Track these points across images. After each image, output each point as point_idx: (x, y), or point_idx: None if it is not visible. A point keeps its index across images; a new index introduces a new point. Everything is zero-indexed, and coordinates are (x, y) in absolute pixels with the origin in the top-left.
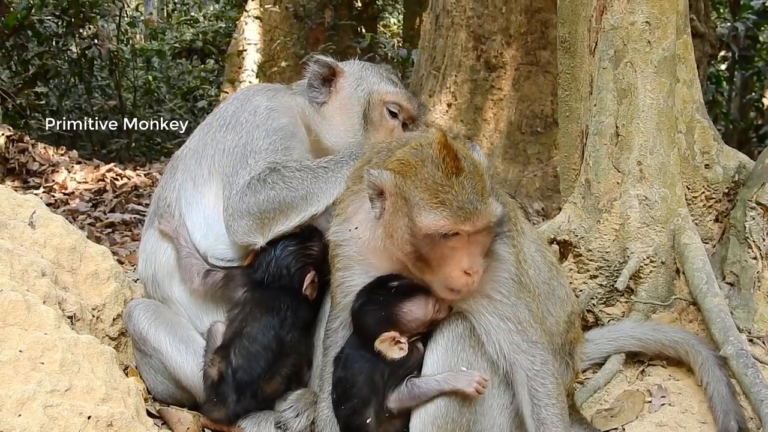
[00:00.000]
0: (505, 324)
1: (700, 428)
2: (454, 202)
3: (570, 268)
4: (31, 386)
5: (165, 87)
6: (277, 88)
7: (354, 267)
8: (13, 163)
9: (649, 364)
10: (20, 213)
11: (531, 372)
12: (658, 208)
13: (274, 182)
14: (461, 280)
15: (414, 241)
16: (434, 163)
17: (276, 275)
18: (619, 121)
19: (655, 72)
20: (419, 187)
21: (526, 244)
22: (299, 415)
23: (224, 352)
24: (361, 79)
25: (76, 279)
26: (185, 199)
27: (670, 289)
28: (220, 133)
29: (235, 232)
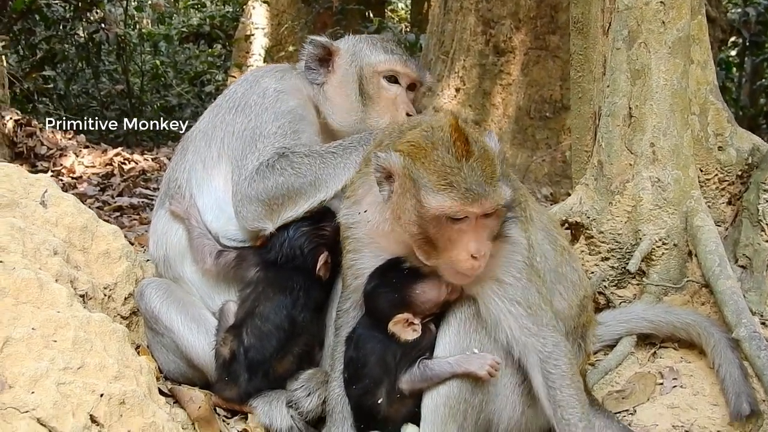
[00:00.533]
0: (515, 308)
1: (712, 410)
2: (462, 185)
3: (581, 250)
4: (44, 364)
5: (172, 72)
6: (285, 69)
7: (364, 250)
8: (21, 147)
9: (661, 346)
10: (32, 192)
11: (543, 354)
12: (670, 190)
13: (282, 168)
14: (467, 264)
15: (421, 223)
16: (444, 146)
17: (289, 256)
18: (633, 102)
19: (669, 53)
20: (428, 169)
21: (534, 231)
22: (311, 394)
23: (236, 331)
24: (354, 54)
25: (87, 258)
26: (195, 181)
27: (682, 271)
28: (229, 116)
29: (245, 217)
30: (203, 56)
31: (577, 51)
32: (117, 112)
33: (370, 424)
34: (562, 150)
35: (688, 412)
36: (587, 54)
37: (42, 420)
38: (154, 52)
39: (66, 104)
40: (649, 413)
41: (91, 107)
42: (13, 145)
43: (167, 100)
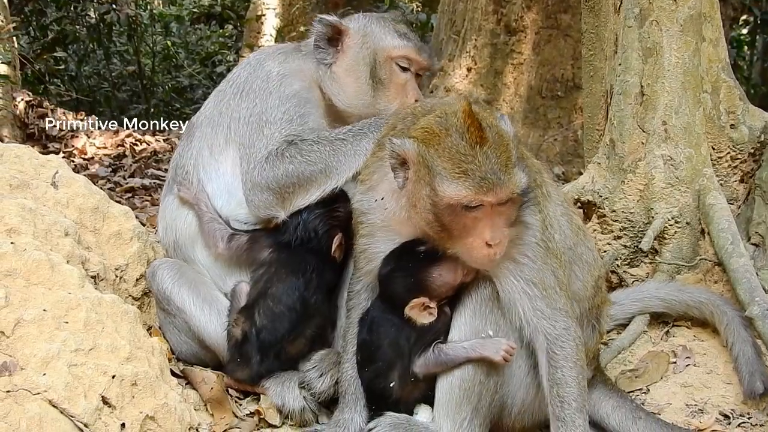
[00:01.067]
0: (530, 289)
1: (725, 389)
2: (477, 173)
3: (594, 228)
4: (56, 345)
5: (183, 52)
6: (288, 51)
7: (378, 234)
8: (33, 128)
9: (674, 325)
10: (43, 173)
11: (551, 336)
12: (683, 168)
13: (292, 156)
14: (483, 251)
15: (436, 211)
16: (458, 133)
17: (304, 238)
18: (644, 80)
19: (680, 30)
20: (442, 156)
21: (552, 207)
22: (323, 375)
23: (248, 312)
24: (366, 36)
25: (99, 239)
26: (203, 167)
27: (694, 249)
28: (234, 101)
29: (257, 206)
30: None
31: (588, 29)
32: (128, 93)
33: (383, 406)
34: (573, 129)
35: (701, 390)
36: (599, 32)
37: (54, 401)
38: (166, 32)
39: (77, 85)
40: (662, 392)
41: (102, 88)
42: (24, 127)
43: (179, 81)
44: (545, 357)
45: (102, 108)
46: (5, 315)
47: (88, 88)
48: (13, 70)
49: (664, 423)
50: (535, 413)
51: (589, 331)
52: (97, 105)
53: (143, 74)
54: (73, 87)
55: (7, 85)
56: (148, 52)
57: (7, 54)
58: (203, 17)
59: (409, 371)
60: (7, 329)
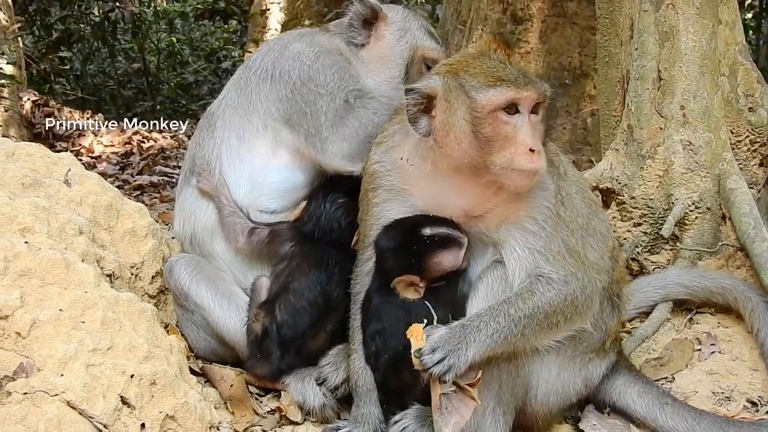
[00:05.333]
0: (535, 255)
1: (752, 376)
2: (511, 75)
3: (613, 216)
4: (73, 345)
5: (188, 49)
6: (311, 32)
7: (395, 200)
8: (40, 127)
9: (697, 312)
10: (55, 171)
11: (544, 278)
12: (702, 152)
13: (371, 106)
14: (527, 158)
15: (476, 126)
16: (485, 55)
17: (327, 229)
18: (662, 64)
19: (697, 13)
20: (474, 73)
21: (567, 186)
22: (338, 369)
23: (269, 307)
24: (406, 30)
25: (113, 237)
26: (228, 155)
27: (716, 235)
28: (265, 86)
29: (335, 155)
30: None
31: (603, 15)
32: (134, 91)
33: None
34: (582, 117)
35: (727, 378)
36: (613, 17)
37: (72, 403)
38: (170, 29)
39: (83, 84)
40: (687, 380)
41: (107, 86)
42: (31, 126)
43: (184, 78)
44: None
45: (108, 106)
46: (21, 315)
47: (94, 86)
48: (18, 70)
49: (692, 408)
50: (560, 394)
51: (608, 310)
52: (102, 103)
53: (148, 71)
54: (78, 86)
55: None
56: (152, 50)
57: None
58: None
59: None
60: (24, 330)
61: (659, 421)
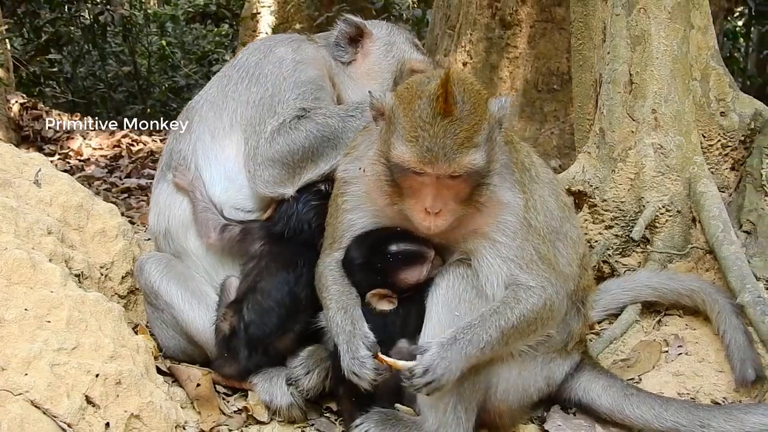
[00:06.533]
0: (508, 264)
1: (717, 377)
2: (426, 143)
3: (585, 218)
4: (38, 345)
5: (180, 52)
6: (300, 39)
7: (362, 207)
8: (28, 130)
9: (666, 314)
10: (25, 171)
11: (524, 285)
12: (673, 156)
13: (305, 128)
14: (421, 216)
15: (389, 165)
16: (427, 99)
17: (297, 229)
18: (633, 68)
19: (668, 18)
20: (406, 116)
21: (540, 189)
22: (309, 372)
23: (237, 306)
24: (392, 45)
25: (83, 237)
26: (202, 151)
27: (686, 238)
28: (242, 85)
29: (265, 182)
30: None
31: (577, 18)
32: (125, 94)
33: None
34: (570, 122)
35: (693, 379)
36: (587, 21)
37: (36, 402)
38: (161, 32)
39: (73, 87)
40: (654, 381)
41: (98, 89)
42: (19, 129)
43: (175, 81)
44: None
45: (99, 109)
46: None
47: (84, 89)
48: (6, 72)
49: (658, 396)
50: (520, 392)
51: (573, 313)
52: (93, 106)
53: (139, 75)
54: (69, 89)
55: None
56: (143, 53)
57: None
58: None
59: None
60: None
61: (626, 411)
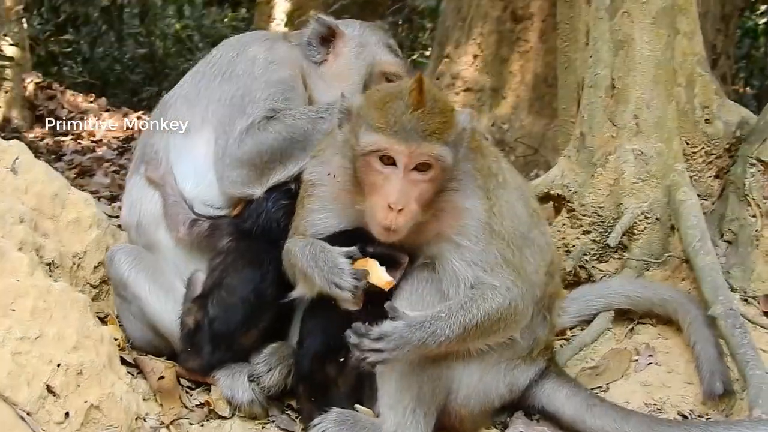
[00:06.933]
0: (472, 267)
1: (685, 389)
2: (397, 124)
3: (563, 223)
4: (0, 333)
5: (197, 35)
6: (274, 38)
7: (329, 208)
8: (42, 110)
9: (639, 323)
10: (3, 159)
11: (490, 286)
12: (653, 163)
13: (274, 130)
14: (383, 214)
15: (354, 161)
16: (400, 95)
17: (266, 228)
18: (615, 73)
19: (652, 23)
20: (376, 109)
21: (506, 194)
22: (271, 369)
23: (202, 301)
24: (362, 46)
25: (57, 226)
26: (174, 147)
27: (665, 246)
28: (214, 83)
29: (233, 182)
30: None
31: (563, 20)
32: (141, 76)
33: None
34: None
35: (661, 390)
36: (573, 23)
37: None
38: (179, 15)
39: (90, 68)
40: (621, 390)
41: (115, 71)
42: (33, 108)
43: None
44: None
45: (115, 90)
46: None
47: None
48: (22, 51)
49: (620, 408)
50: (482, 397)
51: (539, 320)
52: (109, 87)
53: (156, 57)
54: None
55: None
56: (161, 35)
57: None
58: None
59: (347, 360)
60: None
61: (587, 422)
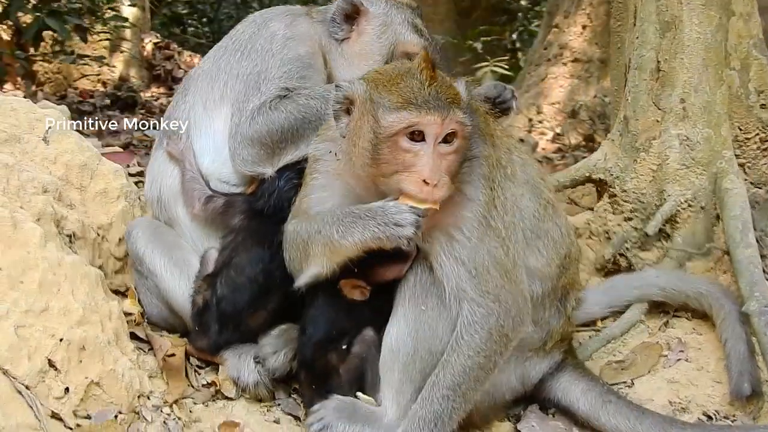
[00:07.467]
0: (458, 267)
1: (713, 388)
2: (420, 98)
3: (605, 208)
4: (5, 306)
5: None
6: (296, 13)
7: (333, 186)
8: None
9: (674, 316)
10: (37, 128)
11: (465, 321)
12: (700, 149)
13: (285, 109)
14: (418, 188)
15: (376, 143)
16: (411, 74)
17: (277, 207)
18: (661, 55)
19: (703, 4)
20: (390, 91)
21: (513, 188)
22: (277, 352)
23: (212, 280)
24: (386, 25)
25: (84, 196)
26: (194, 122)
27: (709, 236)
28: (234, 58)
29: (244, 160)
30: None
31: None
32: None
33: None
34: None
35: (687, 387)
36: (626, 2)
37: None
38: None
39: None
40: (646, 387)
41: None
42: (151, 68)
43: None
44: (453, 338)
45: None
46: None
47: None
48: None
49: (636, 406)
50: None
51: (552, 312)
52: None
53: None
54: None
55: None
56: None
57: None
58: None
59: (350, 349)
60: None
61: (601, 419)
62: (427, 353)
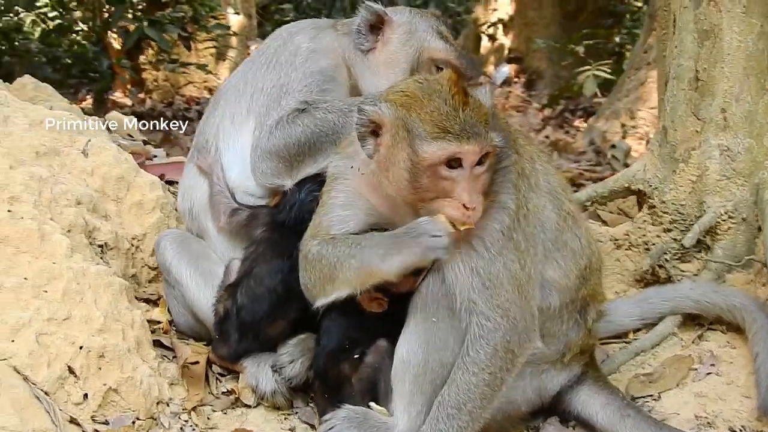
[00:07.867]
0: (472, 278)
1: (741, 403)
2: (457, 127)
3: (644, 219)
4: (29, 313)
5: None
6: (321, 26)
7: (354, 204)
8: None
9: (709, 329)
10: (78, 141)
11: (473, 335)
12: (741, 159)
13: (303, 123)
14: (458, 213)
15: (415, 173)
16: (442, 98)
17: (298, 219)
18: (700, 64)
19: (743, 12)
20: (424, 119)
21: (536, 198)
22: (294, 361)
23: (233, 290)
24: (411, 33)
25: (120, 208)
26: (223, 136)
27: (750, 248)
28: (260, 72)
29: (263, 173)
30: None
31: (661, 6)
32: None
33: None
34: None
35: (715, 402)
36: (669, 11)
37: (18, 368)
38: None
39: None
40: (673, 401)
41: None
42: None
43: None
44: (460, 354)
45: None
46: None
47: None
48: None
49: (654, 421)
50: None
51: (571, 324)
52: None
53: None
54: None
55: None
56: None
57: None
58: None
59: (362, 359)
60: None
61: None
62: (438, 365)
